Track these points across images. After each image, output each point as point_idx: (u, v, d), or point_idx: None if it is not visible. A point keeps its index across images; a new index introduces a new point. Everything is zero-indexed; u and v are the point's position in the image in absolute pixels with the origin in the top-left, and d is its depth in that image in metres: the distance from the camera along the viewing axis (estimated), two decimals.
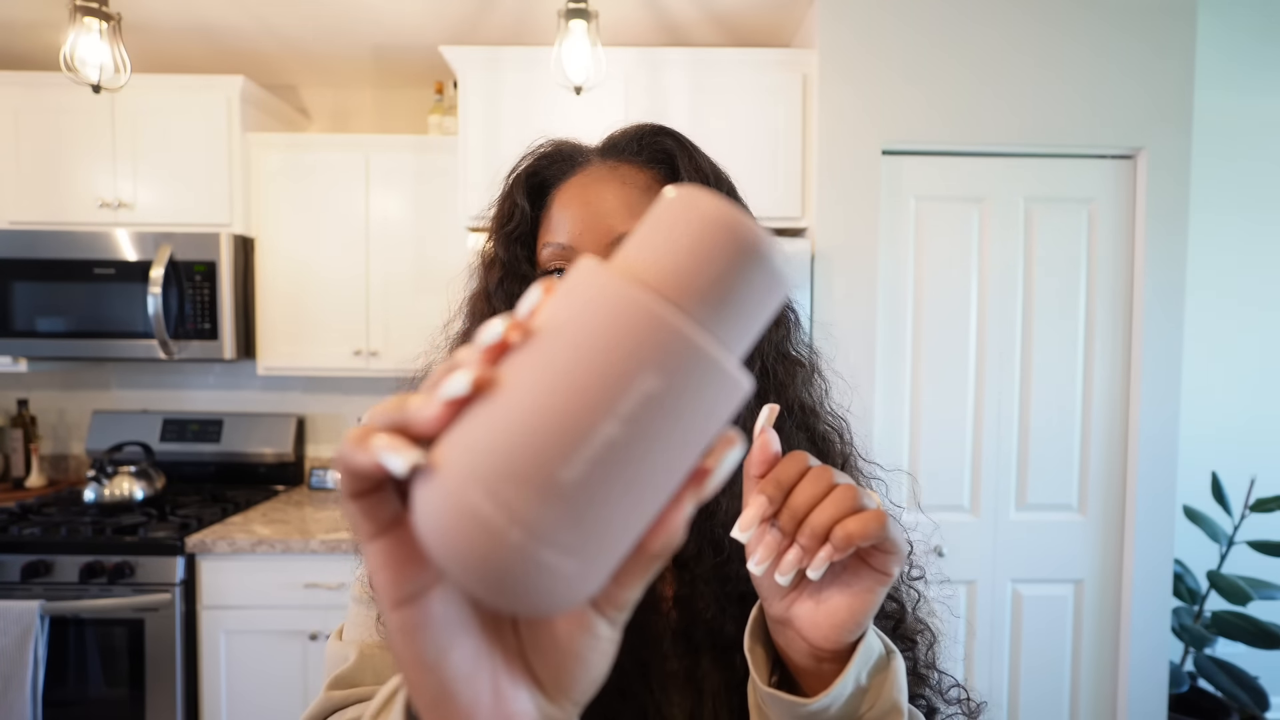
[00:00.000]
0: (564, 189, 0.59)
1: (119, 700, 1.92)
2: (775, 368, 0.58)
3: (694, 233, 0.23)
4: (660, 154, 0.60)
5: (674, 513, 0.25)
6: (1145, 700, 1.98)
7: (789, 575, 0.43)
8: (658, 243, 0.23)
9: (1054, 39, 1.92)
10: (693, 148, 0.60)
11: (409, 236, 2.32)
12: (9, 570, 1.91)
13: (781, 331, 0.60)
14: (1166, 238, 1.93)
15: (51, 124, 2.24)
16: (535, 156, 0.62)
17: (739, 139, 2.05)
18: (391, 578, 0.25)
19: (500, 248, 0.60)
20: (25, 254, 2.20)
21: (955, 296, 1.98)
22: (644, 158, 0.60)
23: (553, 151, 0.62)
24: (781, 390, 0.59)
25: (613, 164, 0.59)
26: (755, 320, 0.24)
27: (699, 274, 0.23)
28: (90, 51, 1.58)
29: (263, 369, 2.36)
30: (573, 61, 1.75)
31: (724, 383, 0.23)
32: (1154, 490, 1.97)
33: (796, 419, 0.59)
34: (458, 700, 0.26)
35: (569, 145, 0.62)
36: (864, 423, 2.04)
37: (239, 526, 2.04)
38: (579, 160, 0.61)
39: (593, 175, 0.58)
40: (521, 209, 0.59)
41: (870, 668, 0.45)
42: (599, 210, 0.56)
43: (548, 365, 0.22)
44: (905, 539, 0.44)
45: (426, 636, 0.25)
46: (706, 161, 0.61)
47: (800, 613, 0.44)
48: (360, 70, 2.52)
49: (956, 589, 2.01)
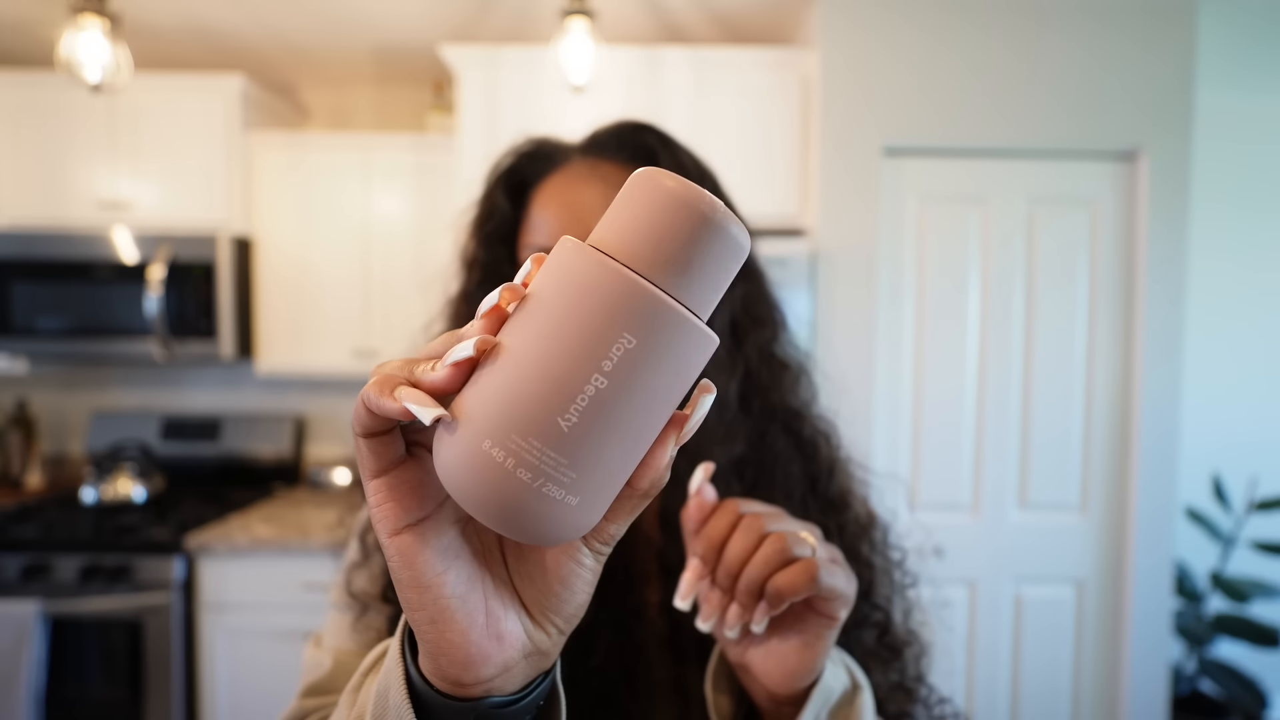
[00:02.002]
0: (544, 188, 0.58)
1: (118, 701, 1.92)
2: (760, 370, 0.57)
3: (656, 208, 0.26)
4: (642, 151, 0.58)
5: (658, 453, 0.28)
6: (1146, 701, 1.98)
7: (735, 630, 0.43)
8: (626, 219, 0.27)
9: (1055, 39, 1.92)
10: (675, 144, 0.59)
11: (409, 236, 2.32)
12: (8, 571, 1.90)
13: (768, 333, 0.59)
14: (1167, 238, 1.93)
15: (51, 124, 2.24)
16: (516, 155, 0.61)
17: (739, 139, 2.05)
18: (393, 509, 0.28)
19: (480, 248, 0.59)
20: (25, 254, 2.19)
21: (956, 296, 1.98)
22: (625, 155, 0.58)
23: (533, 150, 0.60)
24: (766, 393, 0.58)
25: (594, 162, 0.58)
26: (718, 282, 0.27)
27: (662, 244, 0.26)
28: (90, 51, 1.58)
29: (262, 369, 2.36)
30: (573, 61, 1.74)
31: (692, 337, 0.26)
32: (1155, 490, 1.96)
33: (781, 423, 0.58)
34: (454, 617, 0.29)
35: (550, 144, 0.61)
36: (863, 423, 2.03)
37: (238, 526, 2.04)
38: (559, 158, 0.59)
39: (573, 174, 0.57)
40: (501, 208, 0.58)
41: (831, 706, 0.45)
42: (578, 211, 0.55)
43: (540, 331, 0.26)
44: (845, 582, 0.43)
45: (424, 559, 0.29)
46: (689, 158, 0.60)
47: (754, 659, 0.44)
48: (360, 70, 2.52)
49: (957, 589, 2.01)
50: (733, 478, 0.53)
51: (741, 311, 0.57)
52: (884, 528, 0.59)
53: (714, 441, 0.53)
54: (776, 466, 0.55)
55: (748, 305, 0.58)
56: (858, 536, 0.56)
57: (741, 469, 0.54)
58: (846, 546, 0.54)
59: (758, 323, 0.59)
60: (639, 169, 0.27)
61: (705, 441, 0.53)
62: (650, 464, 0.28)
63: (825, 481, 0.57)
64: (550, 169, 0.59)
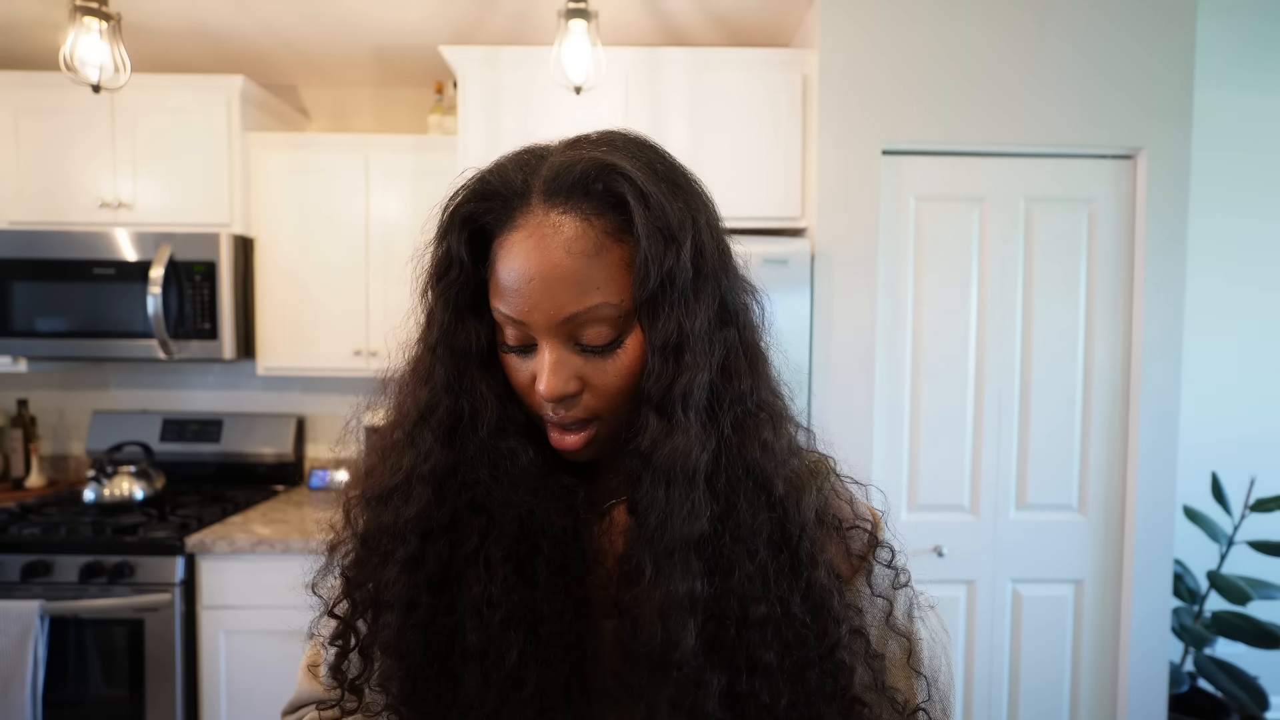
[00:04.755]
0: (504, 245, 0.51)
1: (119, 700, 1.92)
2: (745, 421, 0.53)
3: None
4: (612, 198, 0.50)
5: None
6: (1145, 700, 1.98)
7: None
8: None
9: (1054, 39, 1.92)
10: (651, 192, 0.50)
11: (409, 236, 2.32)
12: (9, 570, 1.91)
13: (750, 381, 0.54)
14: (1166, 238, 1.93)
15: (51, 124, 2.24)
16: (467, 196, 0.53)
17: (738, 139, 2.05)
18: None
19: (438, 305, 0.55)
20: (25, 254, 2.20)
21: (955, 296, 1.98)
22: (593, 204, 0.50)
23: (486, 189, 0.53)
24: (745, 445, 0.53)
25: (559, 211, 0.50)
26: None
27: None
28: (90, 51, 1.58)
29: (262, 369, 2.36)
30: (573, 61, 1.75)
31: None
32: (1154, 490, 1.96)
33: (754, 481, 0.52)
34: None
35: (505, 177, 0.53)
36: (863, 423, 2.03)
37: (239, 526, 2.04)
38: (517, 202, 0.52)
39: (534, 229, 0.50)
40: (459, 260, 0.53)
41: None
42: (543, 287, 0.50)
43: None
44: None
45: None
46: (669, 203, 0.51)
47: None
48: (360, 70, 2.52)
49: (956, 589, 2.01)
50: (693, 556, 0.49)
51: (729, 358, 0.53)
52: (882, 561, 0.58)
53: (679, 522, 0.49)
54: (738, 543, 0.51)
55: (731, 352, 0.54)
56: (826, 591, 0.53)
57: (702, 548, 0.50)
58: (812, 606, 0.52)
59: (736, 373, 0.53)
60: None
61: (670, 524, 0.49)
62: None
63: (795, 542, 0.53)
64: (508, 215, 0.52)
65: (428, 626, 0.52)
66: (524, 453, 0.54)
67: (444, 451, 0.53)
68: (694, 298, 0.51)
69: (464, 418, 0.54)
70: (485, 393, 0.54)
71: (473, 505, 0.53)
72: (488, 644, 0.51)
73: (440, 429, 0.54)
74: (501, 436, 0.54)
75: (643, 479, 0.50)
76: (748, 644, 0.49)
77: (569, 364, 0.52)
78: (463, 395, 0.54)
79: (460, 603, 0.52)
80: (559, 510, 0.54)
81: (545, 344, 0.52)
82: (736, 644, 0.50)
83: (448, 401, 0.54)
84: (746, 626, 0.50)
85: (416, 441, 0.54)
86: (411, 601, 0.52)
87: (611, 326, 0.51)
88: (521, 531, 0.52)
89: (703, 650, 0.49)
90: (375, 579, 0.54)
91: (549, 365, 0.51)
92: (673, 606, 0.48)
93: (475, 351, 0.54)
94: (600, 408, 0.53)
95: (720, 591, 0.50)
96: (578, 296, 0.50)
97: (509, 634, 0.51)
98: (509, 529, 0.52)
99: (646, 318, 0.50)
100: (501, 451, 0.53)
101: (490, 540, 0.52)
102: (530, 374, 0.53)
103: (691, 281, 0.51)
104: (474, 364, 0.54)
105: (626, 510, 0.54)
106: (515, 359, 0.54)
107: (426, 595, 0.52)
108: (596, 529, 0.57)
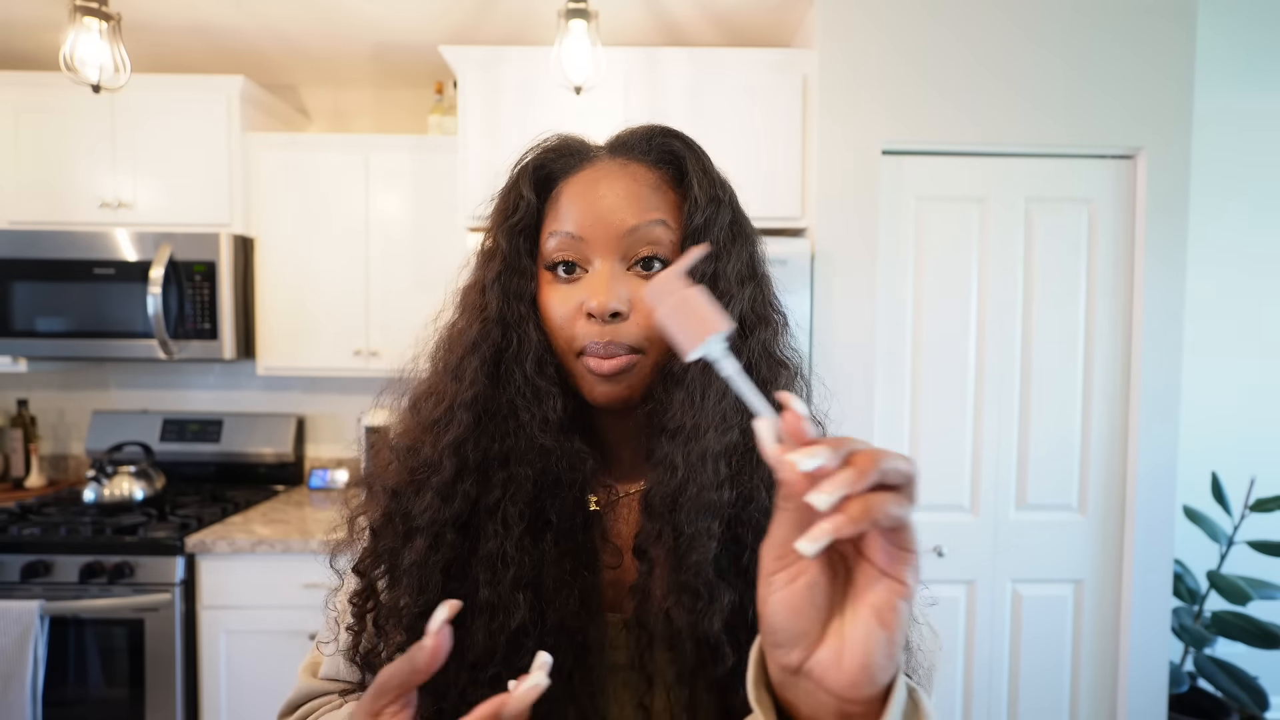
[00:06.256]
0: (572, 181, 0.59)
1: (119, 700, 1.92)
2: (760, 365, 0.59)
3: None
4: (668, 155, 0.60)
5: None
6: (1145, 700, 1.98)
7: (816, 544, 0.35)
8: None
9: (1054, 39, 1.92)
10: (700, 151, 0.61)
11: (409, 236, 2.32)
12: (9, 570, 1.91)
13: (769, 332, 0.61)
14: (1166, 238, 1.93)
15: (51, 124, 2.24)
16: (542, 150, 0.61)
17: (739, 139, 2.05)
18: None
19: (503, 239, 0.59)
20: (25, 254, 2.20)
21: (955, 296, 1.98)
22: (652, 158, 0.60)
23: (560, 145, 0.61)
24: (764, 386, 0.58)
25: (622, 161, 0.59)
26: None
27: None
28: (90, 51, 1.58)
29: (263, 369, 2.36)
30: (573, 61, 1.74)
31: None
32: (1154, 490, 1.97)
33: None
34: None
35: (576, 140, 0.62)
36: (863, 423, 2.03)
37: (239, 526, 2.04)
38: (587, 155, 0.61)
39: (602, 170, 0.59)
40: (528, 200, 0.59)
41: (904, 712, 0.39)
42: (611, 203, 0.56)
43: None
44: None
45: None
46: (713, 167, 0.61)
47: (823, 658, 0.38)
48: (360, 70, 2.52)
49: (956, 589, 2.01)
50: (722, 463, 0.54)
51: (749, 309, 0.59)
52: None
53: (710, 427, 0.54)
54: (757, 474, 0.56)
55: (754, 304, 0.60)
56: None
57: (730, 456, 0.55)
58: None
59: (762, 321, 0.60)
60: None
61: (702, 426, 0.54)
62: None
63: None
64: (578, 165, 0.60)
65: (448, 568, 0.55)
66: (556, 398, 0.57)
67: (487, 383, 0.57)
68: (730, 243, 0.58)
69: (510, 349, 0.57)
70: (531, 331, 0.58)
71: (502, 454, 0.56)
72: (497, 602, 0.54)
73: (487, 361, 0.57)
74: (541, 375, 0.57)
75: (674, 395, 0.55)
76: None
77: (622, 281, 0.56)
78: (511, 328, 0.58)
79: (478, 554, 0.55)
80: (568, 469, 0.57)
81: (602, 262, 0.56)
82: (749, 569, 0.52)
83: (497, 333, 0.58)
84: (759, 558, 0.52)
85: (461, 375, 0.58)
86: (439, 535, 0.55)
87: (664, 248, 0.57)
88: (535, 492, 0.56)
89: (715, 572, 0.53)
90: (409, 508, 0.57)
91: (605, 279, 0.56)
92: (704, 508, 0.52)
93: (528, 293, 0.59)
94: (640, 338, 0.56)
95: (738, 517, 0.54)
96: (640, 211, 0.56)
97: (517, 595, 0.54)
98: (525, 487, 0.56)
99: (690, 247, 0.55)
100: (540, 390, 0.57)
101: (508, 497, 0.55)
102: (577, 303, 0.57)
103: (729, 228, 0.59)
104: (524, 302, 0.58)
105: (638, 502, 0.58)
106: (562, 290, 0.57)
107: (451, 533, 0.55)
108: (608, 518, 0.61)
